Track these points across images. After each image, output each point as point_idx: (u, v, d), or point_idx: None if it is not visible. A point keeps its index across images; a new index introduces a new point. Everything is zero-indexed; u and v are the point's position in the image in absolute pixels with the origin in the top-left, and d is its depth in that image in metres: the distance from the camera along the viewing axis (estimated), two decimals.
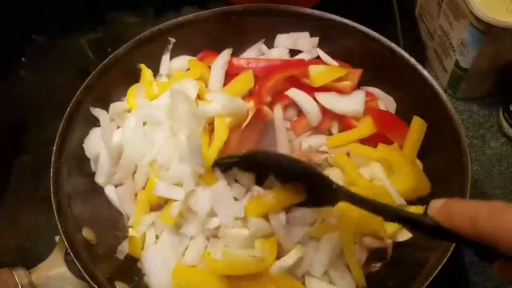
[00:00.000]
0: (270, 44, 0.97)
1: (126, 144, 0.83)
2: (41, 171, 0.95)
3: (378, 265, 0.76)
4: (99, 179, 0.85)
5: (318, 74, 0.88)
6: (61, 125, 0.82)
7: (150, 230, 0.80)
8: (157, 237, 0.80)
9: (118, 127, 0.88)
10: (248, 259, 0.70)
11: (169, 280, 0.73)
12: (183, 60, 0.95)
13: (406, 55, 0.85)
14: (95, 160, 0.86)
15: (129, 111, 0.88)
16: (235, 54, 0.95)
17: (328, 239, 0.73)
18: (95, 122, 0.87)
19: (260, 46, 0.96)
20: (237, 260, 0.70)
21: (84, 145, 0.86)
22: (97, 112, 0.86)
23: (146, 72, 0.91)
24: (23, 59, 1.14)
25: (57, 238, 0.85)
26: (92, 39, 1.18)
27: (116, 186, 0.85)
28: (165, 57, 0.94)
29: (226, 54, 0.93)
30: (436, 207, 0.50)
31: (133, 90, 0.89)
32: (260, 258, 0.71)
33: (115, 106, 0.88)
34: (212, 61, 0.92)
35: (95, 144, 0.86)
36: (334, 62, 0.91)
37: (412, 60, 0.85)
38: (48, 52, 1.15)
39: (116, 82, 0.90)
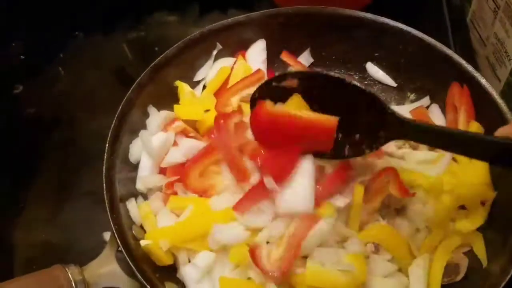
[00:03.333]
0: (318, 47, 0.96)
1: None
2: (83, 166, 0.98)
3: (445, 280, 0.74)
4: (139, 184, 0.83)
5: None
6: (114, 122, 0.82)
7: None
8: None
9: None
10: (338, 274, 0.67)
11: None
12: (226, 62, 0.94)
13: (463, 62, 0.83)
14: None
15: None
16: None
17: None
18: (144, 126, 0.87)
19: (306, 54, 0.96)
20: (326, 274, 0.67)
21: (130, 149, 0.85)
22: (151, 110, 0.86)
23: (183, 90, 0.90)
24: (61, 55, 1.16)
25: (105, 235, 0.86)
26: (132, 38, 1.19)
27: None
28: (209, 62, 0.94)
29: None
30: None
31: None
32: (352, 274, 0.67)
33: (164, 114, 0.87)
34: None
35: (140, 149, 0.85)
36: None
37: (470, 68, 0.83)
38: (87, 49, 1.17)
39: (168, 82, 0.90)
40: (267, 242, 0.72)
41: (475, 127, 0.81)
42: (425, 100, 0.91)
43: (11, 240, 0.90)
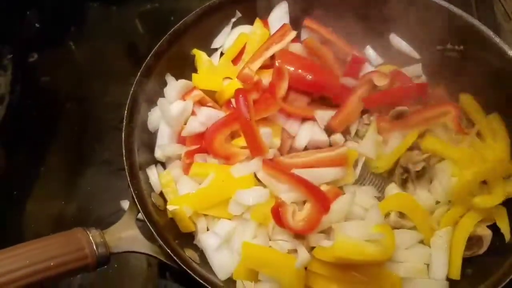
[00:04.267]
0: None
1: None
2: (98, 136, 0.98)
3: (467, 253, 0.73)
4: (158, 153, 0.82)
5: None
6: (132, 89, 0.81)
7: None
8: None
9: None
10: (366, 245, 0.66)
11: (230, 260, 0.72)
12: (244, 29, 0.92)
13: (485, 29, 0.82)
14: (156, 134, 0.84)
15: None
16: None
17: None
18: (162, 95, 0.86)
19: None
20: (354, 245, 0.65)
21: (148, 118, 0.84)
22: (169, 78, 0.85)
23: (200, 58, 0.89)
24: (76, 25, 1.14)
25: (122, 203, 0.86)
26: (146, 10, 1.17)
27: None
28: (226, 30, 0.92)
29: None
30: None
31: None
32: (380, 243, 0.66)
33: (182, 83, 0.86)
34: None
35: (158, 117, 0.84)
36: None
37: (497, 39, 0.81)
38: (101, 20, 1.15)
39: (186, 50, 0.88)
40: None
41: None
42: None
43: (28, 208, 0.91)
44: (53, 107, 1.03)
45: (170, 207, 0.74)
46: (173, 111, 0.82)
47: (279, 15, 0.90)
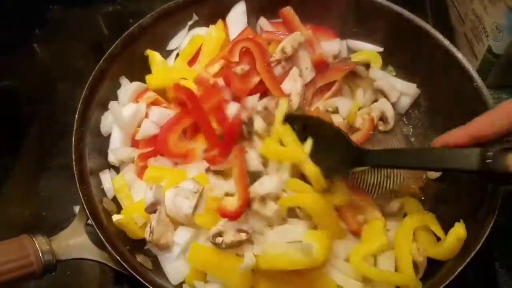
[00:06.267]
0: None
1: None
2: (56, 141, 0.96)
3: None
4: (111, 157, 0.82)
5: None
6: (84, 92, 0.80)
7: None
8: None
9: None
10: (294, 253, 0.64)
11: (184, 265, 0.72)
12: (200, 31, 0.92)
13: (439, 36, 0.83)
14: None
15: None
16: None
17: None
18: (116, 98, 0.85)
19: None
20: (279, 254, 0.65)
21: (101, 122, 0.83)
22: (123, 81, 0.84)
23: (154, 59, 0.88)
24: (38, 29, 1.13)
25: (76, 209, 0.84)
26: (108, 12, 1.16)
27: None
28: (182, 32, 0.92)
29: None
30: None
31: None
32: (309, 254, 0.64)
33: (135, 85, 0.85)
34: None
35: (111, 121, 0.83)
36: None
37: (446, 42, 0.83)
38: (64, 23, 1.14)
39: (141, 53, 0.87)
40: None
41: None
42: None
43: None
44: (15, 110, 1.02)
45: (114, 218, 0.73)
46: (125, 114, 0.81)
47: (237, 16, 0.90)
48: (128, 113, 0.81)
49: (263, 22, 0.93)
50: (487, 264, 0.77)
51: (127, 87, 0.84)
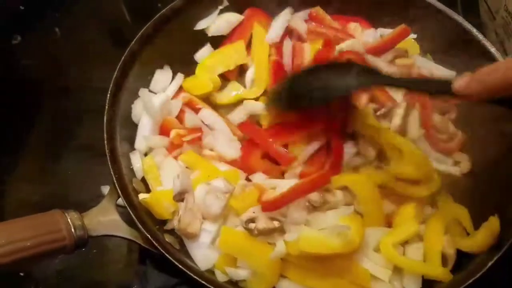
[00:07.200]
0: None
1: None
2: (79, 120, 0.96)
3: None
4: (140, 143, 0.81)
5: None
6: (115, 74, 0.80)
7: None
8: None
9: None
10: (328, 237, 0.64)
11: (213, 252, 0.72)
12: (230, 17, 0.91)
13: (475, 32, 0.83)
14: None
15: None
16: None
17: None
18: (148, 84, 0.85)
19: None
20: (314, 237, 0.64)
21: (132, 108, 0.83)
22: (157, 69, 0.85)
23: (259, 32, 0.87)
24: (60, 7, 1.12)
25: (103, 189, 0.85)
26: None
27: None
28: (212, 16, 0.91)
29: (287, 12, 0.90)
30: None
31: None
32: (345, 237, 0.64)
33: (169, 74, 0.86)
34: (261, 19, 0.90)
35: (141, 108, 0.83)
36: None
37: (480, 36, 0.82)
38: (86, 3, 1.13)
39: (171, 37, 0.87)
40: None
41: None
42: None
43: (7, 192, 0.89)
44: (34, 90, 1.01)
45: (141, 196, 0.73)
46: (156, 103, 0.81)
47: (280, 24, 0.88)
48: (159, 102, 0.80)
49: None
50: None
51: (161, 76, 0.85)
